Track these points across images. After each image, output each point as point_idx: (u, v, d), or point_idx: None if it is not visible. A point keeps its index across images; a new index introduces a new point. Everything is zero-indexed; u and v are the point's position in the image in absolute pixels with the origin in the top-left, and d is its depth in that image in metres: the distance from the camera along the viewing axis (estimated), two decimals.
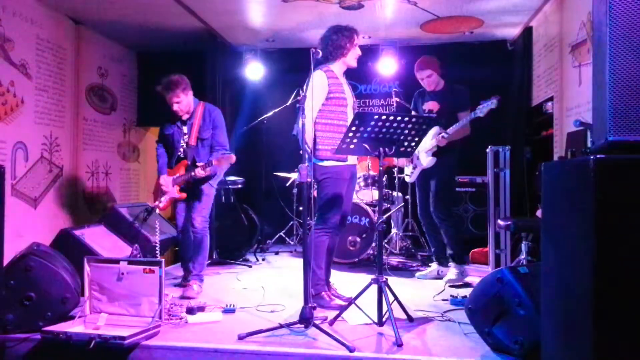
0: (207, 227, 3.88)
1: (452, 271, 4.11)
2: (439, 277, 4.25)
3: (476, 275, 4.32)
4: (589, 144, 3.34)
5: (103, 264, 2.97)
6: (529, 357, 2.31)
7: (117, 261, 2.94)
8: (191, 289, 3.72)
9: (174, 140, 3.85)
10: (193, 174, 3.63)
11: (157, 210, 4.05)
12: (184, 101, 3.76)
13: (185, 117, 3.82)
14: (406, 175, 4.50)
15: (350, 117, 3.32)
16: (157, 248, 3.65)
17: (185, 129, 3.84)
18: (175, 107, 3.74)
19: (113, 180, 6.03)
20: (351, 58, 3.45)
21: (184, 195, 3.80)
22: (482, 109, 3.77)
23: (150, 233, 4.55)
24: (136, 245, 3.94)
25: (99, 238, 4.06)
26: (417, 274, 4.42)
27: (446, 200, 4.13)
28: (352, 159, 3.44)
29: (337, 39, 3.39)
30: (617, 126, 1.75)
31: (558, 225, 2.00)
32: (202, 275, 3.91)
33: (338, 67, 3.44)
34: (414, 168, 4.30)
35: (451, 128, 3.95)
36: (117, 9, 5.03)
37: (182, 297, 3.61)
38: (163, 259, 2.90)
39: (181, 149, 3.84)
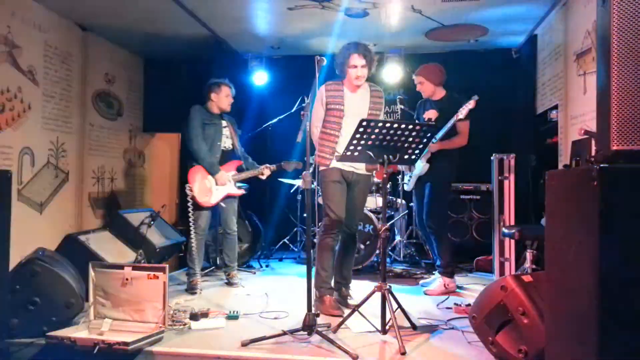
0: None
1: (436, 282, 4.09)
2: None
3: (480, 283, 4.31)
4: (594, 153, 3.33)
5: (108, 269, 2.99)
6: None
7: (121, 267, 2.96)
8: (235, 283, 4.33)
9: (215, 137, 4.20)
10: (259, 174, 4.34)
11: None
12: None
13: (224, 111, 4.32)
14: (404, 183, 4.51)
15: (347, 128, 3.35)
16: (193, 246, 4.06)
17: (223, 123, 4.32)
18: (230, 101, 4.30)
19: (119, 186, 6.06)
20: (349, 76, 3.47)
21: (242, 191, 4.33)
22: (462, 110, 3.87)
23: (155, 239, 4.57)
24: (141, 250, 3.95)
25: (104, 243, 4.08)
26: (421, 281, 4.41)
27: (438, 210, 4.09)
28: (344, 164, 3.46)
29: (337, 57, 3.53)
30: (621, 136, 1.75)
31: (562, 233, 1.99)
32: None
33: (347, 82, 3.52)
34: (411, 176, 4.32)
35: (440, 133, 3.97)
36: (125, 16, 5.08)
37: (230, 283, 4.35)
38: (167, 265, 2.91)
39: (221, 142, 4.25)
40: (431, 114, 4.19)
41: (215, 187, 4.15)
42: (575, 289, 1.84)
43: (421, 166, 4.10)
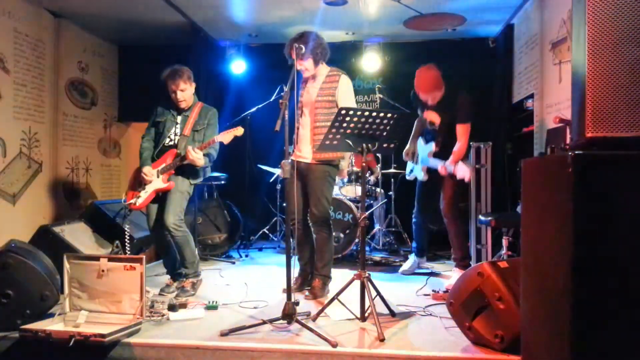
0: (184, 226, 3.63)
1: (454, 277, 3.99)
2: (419, 269, 4.37)
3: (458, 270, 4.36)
4: (568, 141, 3.39)
5: (83, 260, 2.94)
6: (509, 351, 2.35)
7: (97, 258, 2.91)
8: (187, 290, 3.57)
9: (164, 129, 3.73)
10: (187, 157, 3.50)
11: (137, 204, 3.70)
12: (188, 91, 3.70)
13: (182, 105, 3.71)
14: (407, 174, 4.45)
15: (302, 118, 3.56)
16: (127, 245, 3.57)
17: (179, 119, 3.73)
18: (180, 95, 3.65)
19: (93, 176, 5.96)
20: None
21: (172, 184, 3.59)
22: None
23: (131, 229, 4.50)
24: (117, 242, 3.89)
25: (79, 235, 4.01)
26: (400, 270, 4.44)
27: (456, 201, 4.07)
28: (299, 153, 3.53)
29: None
30: (595, 123, 1.78)
31: (537, 220, 2.02)
32: (198, 271, 3.73)
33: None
34: (411, 171, 4.32)
35: (449, 161, 3.80)
36: (98, 2, 4.96)
37: (178, 296, 3.49)
38: (144, 256, 2.88)
39: (168, 138, 3.71)
40: (433, 118, 4.03)
41: (144, 186, 3.65)
42: (549, 275, 1.87)
43: (422, 175, 4.14)
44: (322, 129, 3.40)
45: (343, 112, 2.83)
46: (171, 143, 3.70)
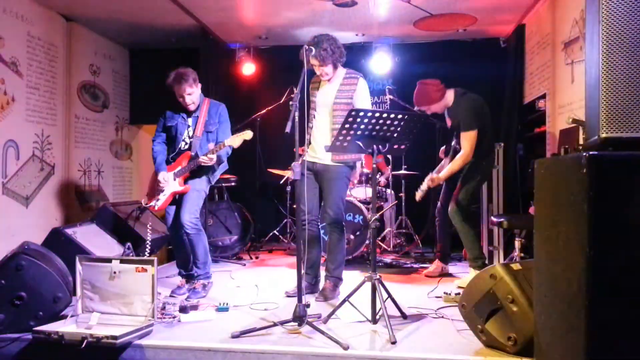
0: (199, 225, 3.67)
1: (467, 277, 3.94)
2: (444, 273, 4.32)
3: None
4: (582, 141, 3.35)
5: (95, 262, 2.95)
6: (522, 354, 2.32)
7: (109, 260, 2.92)
8: (197, 292, 3.59)
9: (177, 132, 3.73)
10: (199, 159, 3.53)
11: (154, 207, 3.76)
12: (195, 93, 3.69)
13: (191, 108, 3.71)
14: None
15: (317, 118, 3.57)
16: (147, 247, 3.59)
17: (190, 121, 3.74)
18: (188, 99, 3.65)
19: (105, 179, 6.00)
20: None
21: (188, 187, 3.63)
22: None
23: (143, 231, 4.53)
24: (129, 243, 3.90)
25: (91, 237, 4.03)
26: (425, 272, 4.40)
27: (465, 204, 4.01)
28: (309, 155, 3.52)
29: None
30: (609, 123, 1.76)
31: (551, 221, 2.00)
32: (209, 273, 3.76)
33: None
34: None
35: (443, 173, 3.97)
36: (109, 6, 5.00)
37: (189, 298, 3.50)
38: (156, 258, 2.89)
39: (183, 142, 3.73)
40: (448, 122, 4.15)
41: (161, 190, 3.67)
42: (564, 277, 1.85)
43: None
44: None
45: (353, 113, 2.82)
46: (186, 147, 3.72)
